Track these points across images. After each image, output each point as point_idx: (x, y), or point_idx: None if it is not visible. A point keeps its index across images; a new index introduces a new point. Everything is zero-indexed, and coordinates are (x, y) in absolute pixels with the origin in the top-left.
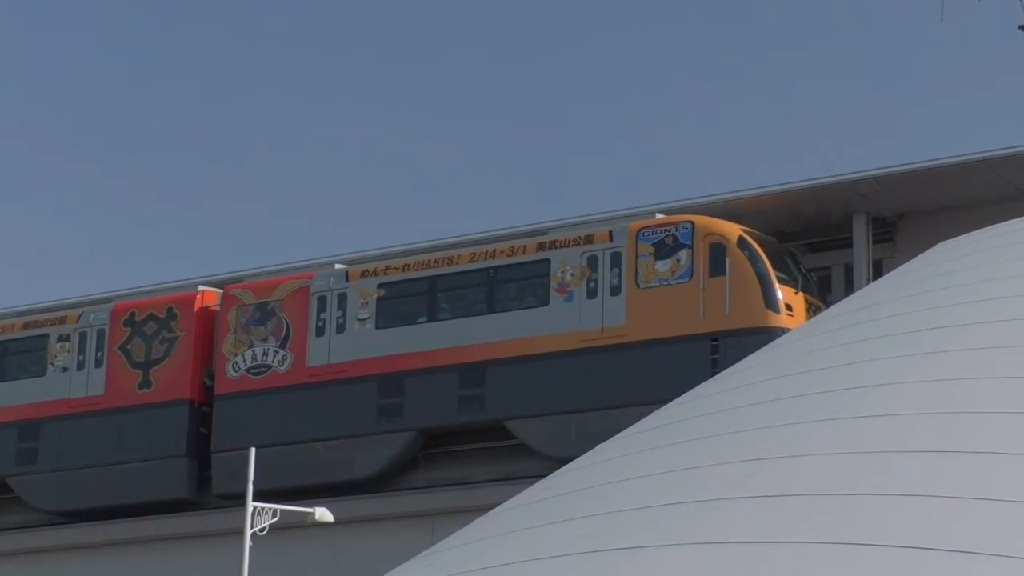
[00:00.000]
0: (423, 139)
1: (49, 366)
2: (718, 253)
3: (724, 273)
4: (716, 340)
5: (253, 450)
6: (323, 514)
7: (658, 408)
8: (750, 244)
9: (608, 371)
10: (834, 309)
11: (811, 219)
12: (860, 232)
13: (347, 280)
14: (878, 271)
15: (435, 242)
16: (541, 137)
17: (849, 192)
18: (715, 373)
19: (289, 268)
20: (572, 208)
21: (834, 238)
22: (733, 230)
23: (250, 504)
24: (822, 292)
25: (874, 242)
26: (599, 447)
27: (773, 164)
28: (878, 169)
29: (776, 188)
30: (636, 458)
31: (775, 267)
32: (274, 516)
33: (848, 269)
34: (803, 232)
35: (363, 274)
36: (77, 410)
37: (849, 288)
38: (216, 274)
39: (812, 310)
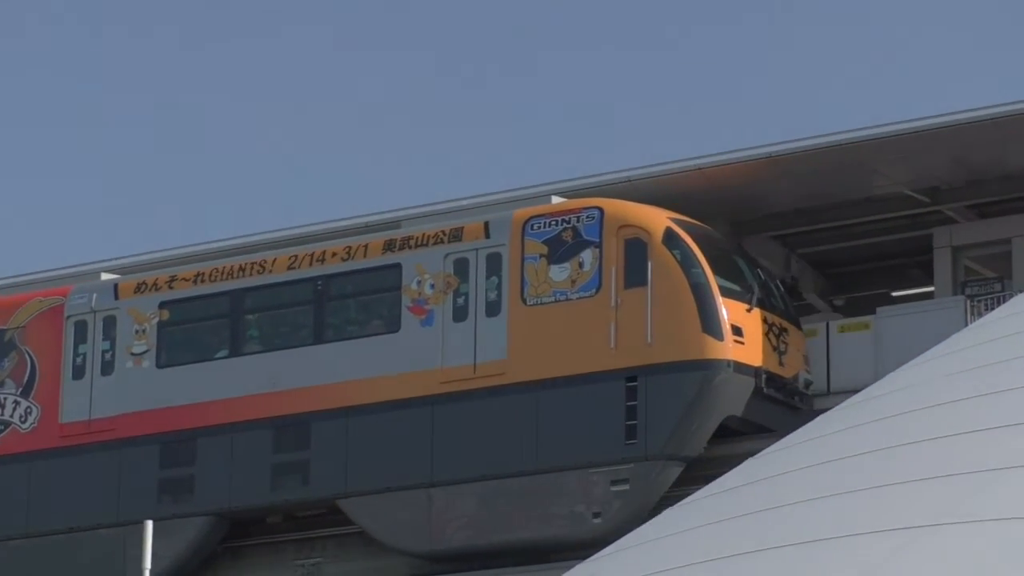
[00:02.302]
0: (218, 96)
1: None
2: (636, 253)
3: (645, 283)
4: (634, 379)
5: (150, 523)
6: None
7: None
8: (682, 240)
9: (483, 426)
10: (1016, 303)
11: (979, 167)
12: None
13: (116, 297)
14: None
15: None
16: (392, 85)
17: None
18: (632, 424)
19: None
20: (436, 190)
21: (1015, 197)
22: (658, 219)
23: None
24: (787, 299)
25: None
26: (654, 522)
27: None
28: None
29: (917, 124)
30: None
31: (719, 272)
32: None
33: None
34: (967, 188)
35: (139, 288)
36: None
37: None
38: None
39: (774, 333)
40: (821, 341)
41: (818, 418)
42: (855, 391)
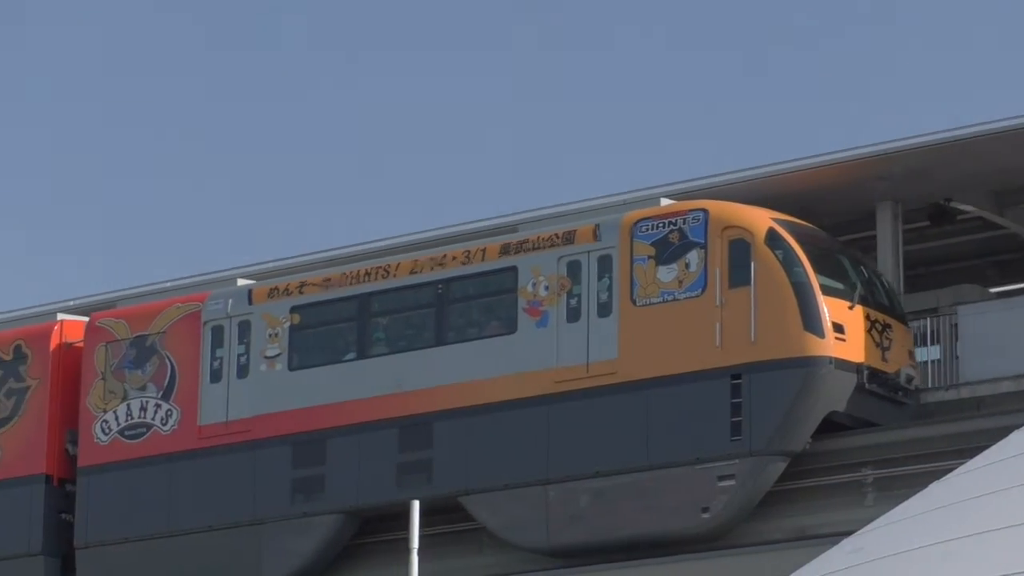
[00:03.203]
0: (343, 112)
1: None
2: (740, 253)
3: (748, 282)
4: (738, 377)
5: (416, 503)
6: None
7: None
8: (784, 240)
9: (595, 424)
10: None
11: None
12: None
13: (250, 302)
14: None
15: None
16: (504, 95)
17: None
18: (737, 421)
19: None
20: (550, 193)
21: None
22: (761, 220)
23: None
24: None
25: None
26: (919, 496)
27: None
28: None
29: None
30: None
31: (821, 271)
32: None
33: None
34: None
35: (271, 294)
36: None
37: None
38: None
39: (877, 329)
40: None
41: None
42: None
